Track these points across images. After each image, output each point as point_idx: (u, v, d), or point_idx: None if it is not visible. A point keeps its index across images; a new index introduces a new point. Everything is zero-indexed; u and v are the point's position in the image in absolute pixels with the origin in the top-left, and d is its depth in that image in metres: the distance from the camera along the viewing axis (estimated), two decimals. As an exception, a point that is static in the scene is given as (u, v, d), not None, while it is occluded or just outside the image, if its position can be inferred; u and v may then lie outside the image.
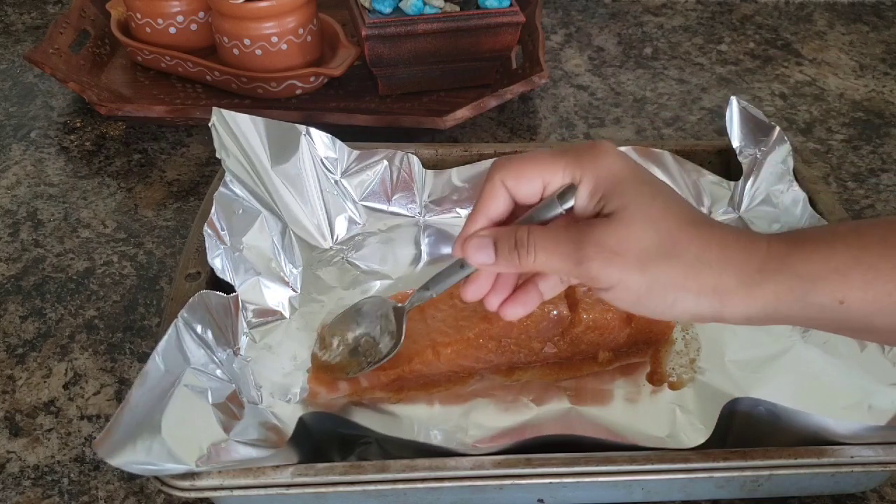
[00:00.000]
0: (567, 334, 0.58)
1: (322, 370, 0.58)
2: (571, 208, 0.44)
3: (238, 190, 0.64)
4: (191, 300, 0.55)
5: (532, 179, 0.44)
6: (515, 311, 0.48)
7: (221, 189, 0.63)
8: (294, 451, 0.49)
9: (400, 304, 0.56)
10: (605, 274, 0.41)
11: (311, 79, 0.87)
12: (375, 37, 0.81)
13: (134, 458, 0.46)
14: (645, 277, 0.41)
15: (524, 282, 0.49)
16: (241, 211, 0.63)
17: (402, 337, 0.55)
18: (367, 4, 0.82)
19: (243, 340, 0.59)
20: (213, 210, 0.61)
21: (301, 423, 0.49)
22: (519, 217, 0.46)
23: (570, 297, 0.59)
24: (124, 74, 0.92)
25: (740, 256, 0.42)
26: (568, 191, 0.44)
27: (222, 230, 0.61)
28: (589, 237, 0.42)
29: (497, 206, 0.45)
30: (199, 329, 0.54)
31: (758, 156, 0.70)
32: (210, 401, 0.51)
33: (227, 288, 0.59)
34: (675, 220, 0.42)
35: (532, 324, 0.58)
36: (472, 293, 0.48)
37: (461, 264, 0.48)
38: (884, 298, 0.41)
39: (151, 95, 0.89)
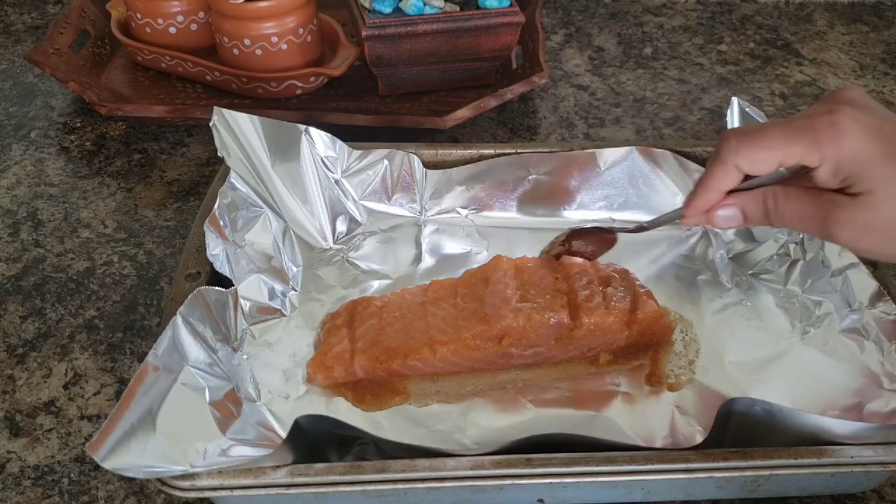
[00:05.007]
0: (568, 338, 0.58)
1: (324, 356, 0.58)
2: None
3: (241, 187, 0.64)
4: (189, 296, 0.55)
5: (767, 161, 0.46)
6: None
7: (226, 185, 0.63)
8: (290, 451, 0.49)
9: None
10: (855, 244, 0.46)
11: (311, 79, 0.87)
12: (375, 37, 0.81)
13: (129, 461, 0.46)
14: (893, 247, 0.45)
15: None
16: (244, 208, 0.63)
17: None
18: (367, 4, 0.82)
19: (242, 336, 0.59)
20: (216, 205, 0.61)
21: (297, 424, 0.49)
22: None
23: (572, 303, 0.59)
24: (124, 74, 0.92)
25: None
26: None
27: (224, 226, 0.61)
28: (836, 214, 0.45)
29: (728, 181, 0.48)
30: (197, 326, 0.54)
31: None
32: (207, 399, 0.51)
33: (227, 287, 0.59)
34: None
35: (531, 329, 0.58)
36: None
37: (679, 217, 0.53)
38: None
39: (151, 95, 0.89)
